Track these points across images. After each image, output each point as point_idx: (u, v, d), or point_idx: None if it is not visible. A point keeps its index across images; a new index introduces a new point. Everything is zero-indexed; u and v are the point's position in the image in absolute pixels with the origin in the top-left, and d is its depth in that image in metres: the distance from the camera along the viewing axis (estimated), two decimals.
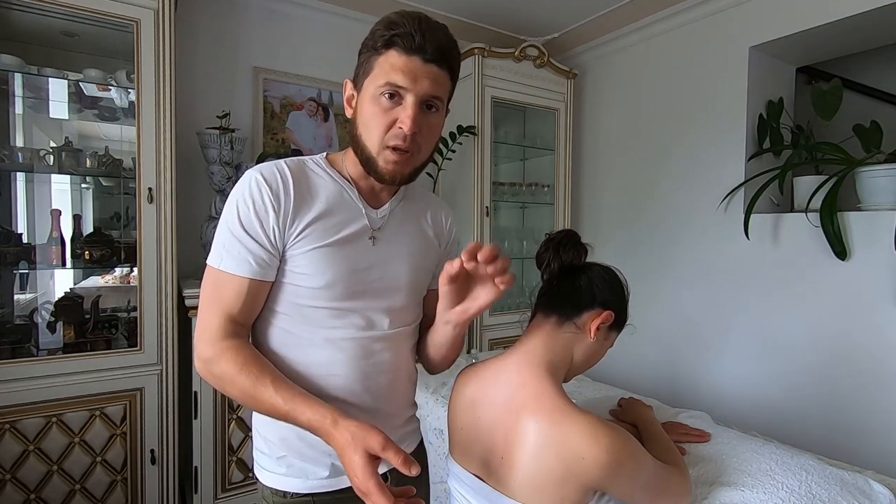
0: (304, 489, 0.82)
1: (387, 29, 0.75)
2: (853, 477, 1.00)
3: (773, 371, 2.11)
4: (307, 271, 0.79)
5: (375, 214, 0.86)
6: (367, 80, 0.78)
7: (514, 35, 2.91)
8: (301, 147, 2.47)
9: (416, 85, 0.75)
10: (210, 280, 0.79)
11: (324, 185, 0.83)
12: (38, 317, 1.83)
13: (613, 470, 0.75)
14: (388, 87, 0.75)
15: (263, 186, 0.77)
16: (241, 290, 0.77)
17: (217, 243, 0.79)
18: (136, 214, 1.77)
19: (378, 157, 0.78)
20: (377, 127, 0.77)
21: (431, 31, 0.76)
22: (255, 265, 0.77)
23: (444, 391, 1.55)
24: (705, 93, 2.34)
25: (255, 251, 0.77)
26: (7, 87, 1.85)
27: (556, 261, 0.90)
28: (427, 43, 0.74)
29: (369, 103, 0.77)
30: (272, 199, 0.77)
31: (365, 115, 0.78)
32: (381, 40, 0.76)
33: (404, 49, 0.74)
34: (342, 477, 0.83)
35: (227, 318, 0.77)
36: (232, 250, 0.77)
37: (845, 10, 1.87)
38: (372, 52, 0.77)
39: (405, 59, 0.75)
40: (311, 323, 0.81)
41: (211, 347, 0.76)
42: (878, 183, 1.82)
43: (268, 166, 0.80)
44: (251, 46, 2.35)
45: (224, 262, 0.77)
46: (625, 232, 2.76)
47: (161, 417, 1.83)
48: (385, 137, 0.77)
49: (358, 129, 0.80)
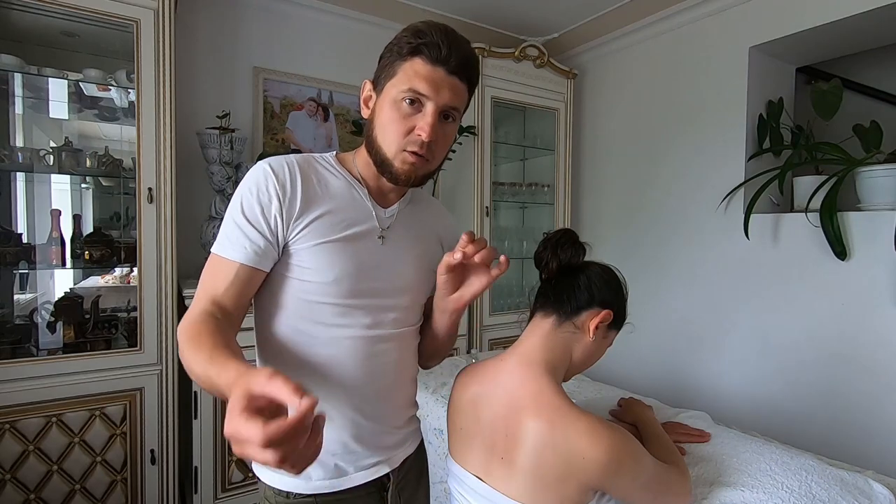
0: (308, 489, 0.82)
1: (414, 37, 0.77)
2: (853, 477, 1.00)
3: (773, 371, 2.11)
4: (313, 266, 0.79)
5: (384, 214, 0.87)
6: (388, 83, 0.79)
7: (514, 35, 2.91)
8: (301, 147, 2.47)
9: (438, 95, 0.77)
10: (208, 265, 0.79)
11: (334, 182, 0.84)
12: (38, 317, 1.83)
13: (613, 470, 0.75)
14: (411, 93, 0.77)
15: (270, 176, 0.78)
16: (231, 274, 0.76)
17: (220, 231, 0.79)
18: (136, 214, 1.77)
19: (394, 159, 0.80)
20: (395, 131, 0.79)
21: (457, 43, 0.78)
22: (251, 251, 0.77)
23: (444, 391, 1.55)
24: (705, 93, 2.34)
25: (253, 237, 0.77)
26: (7, 87, 1.85)
27: (554, 260, 0.90)
28: (452, 55, 0.77)
29: (389, 106, 0.79)
30: (277, 189, 0.78)
31: (384, 117, 0.79)
32: (407, 47, 0.77)
33: (430, 59, 0.77)
34: (346, 477, 0.84)
35: (210, 301, 0.75)
36: (231, 236, 0.77)
37: (845, 10, 1.87)
38: (396, 57, 0.78)
39: (430, 69, 0.77)
40: (318, 320, 0.81)
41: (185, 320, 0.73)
42: (878, 183, 1.82)
43: (277, 159, 0.81)
44: (251, 46, 2.35)
45: (221, 247, 0.77)
46: (625, 232, 2.76)
47: (161, 417, 1.83)
48: (402, 142, 0.79)
49: (375, 131, 0.81)
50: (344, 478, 0.83)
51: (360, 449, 0.84)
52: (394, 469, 0.89)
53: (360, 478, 0.85)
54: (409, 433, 0.94)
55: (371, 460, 0.86)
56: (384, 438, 0.87)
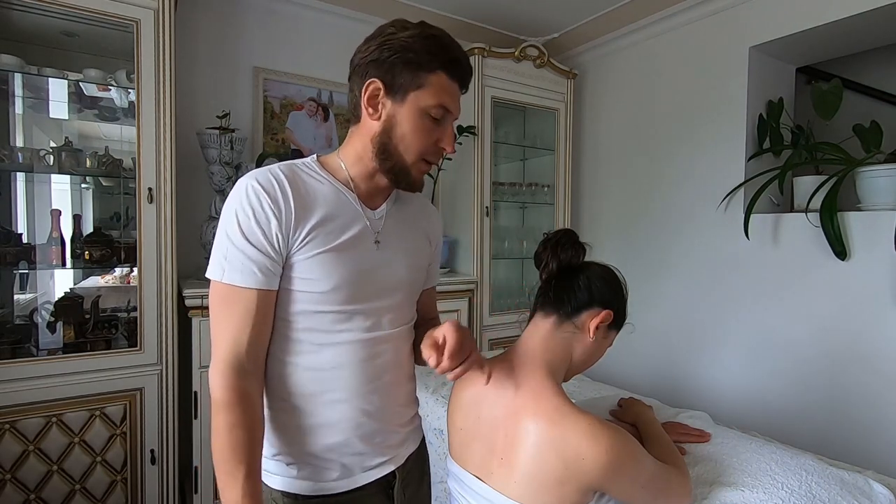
0: (314, 491, 0.82)
1: (439, 49, 0.78)
2: (853, 477, 1.00)
3: (773, 371, 2.11)
4: (312, 276, 0.78)
5: (374, 216, 0.87)
6: (414, 93, 0.78)
7: (514, 35, 2.91)
8: (301, 147, 2.47)
9: (457, 110, 0.83)
10: (217, 296, 0.77)
11: (320, 188, 0.82)
12: (38, 317, 1.83)
13: (613, 470, 0.75)
14: (441, 109, 0.79)
15: (262, 194, 0.76)
16: (249, 305, 0.75)
17: (217, 255, 0.77)
18: (136, 214, 1.77)
19: (412, 167, 0.82)
20: (423, 142, 0.80)
21: (466, 59, 0.82)
22: (261, 275, 0.76)
23: (444, 391, 1.55)
24: (705, 93, 2.34)
25: (259, 261, 0.75)
26: (7, 87, 1.85)
27: (554, 260, 0.89)
28: (466, 74, 0.82)
29: (417, 117, 0.79)
30: (272, 206, 0.76)
31: (410, 127, 0.80)
32: (434, 60, 0.78)
33: (453, 75, 0.80)
34: (353, 477, 0.84)
35: (240, 350, 0.75)
36: (235, 262, 0.75)
37: (845, 10, 1.87)
38: (419, 67, 0.78)
39: (453, 86, 0.81)
40: (318, 328, 0.81)
41: (220, 387, 0.75)
42: (878, 183, 1.82)
43: (261, 173, 0.79)
44: (251, 46, 2.35)
45: (227, 273, 0.75)
46: (625, 232, 2.76)
47: (161, 417, 1.83)
48: (426, 152, 0.82)
49: (395, 139, 0.80)
50: (350, 478, 0.84)
51: (366, 449, 0.84)
52: (399, 467, 0.90)
53: (367, 477, 0.85)
54: (411, 430, 0.95)
55: (377, 460, 0.86)
56: (389, 437, 0.88)
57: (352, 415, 0.82)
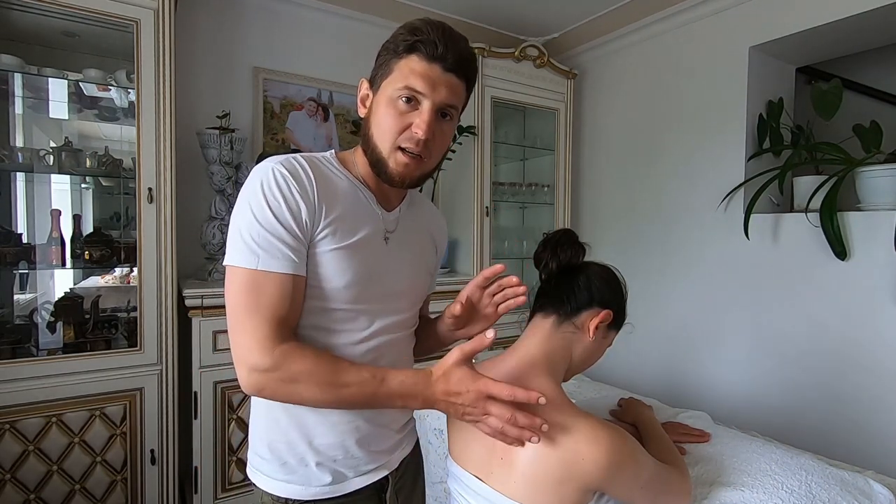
0: (306, 495, 0.81)
1: (410, 34, 0.76)
2: (853, 477, 1.00)
3: (773, 371, 2.11)
4: (325, 271, 0.77)
5: (390, 217, 0.86)
6: (385, 81, 0.78)
7: (514, 35, 2.91)
8: (301, 147, 2.47)
9: (435, 92, 0.76)
10: (243, 284, 0.72)
11: (340, 184, 0.81)
12: (38, 317, 1.83)
13: (613, 471, 0.75)
14: (407, 90, 0.76)
15: (289, 178, 0.74)
16: (284, 290, 0.72)
17: (242, 242, 0.72)
18: (136, 214, 1.77)
19: (389, 158, 0.78)
20: (391, 129, 0.77)
21: (453, 41, 0.77)
22: (296, 259, 0.73)
23: None
24: (705, 93, 2.34)
25: (293, 244, 0.73)
26: (7, 87, 1.85)
27: (553, 260, 0.89)
28: (449, 52, 0.76)
29: (385, 105, 0.77)
30: (300, 193, 0.74)
31: (379, 115, 0.78)
32: (403, 45, 0.76)
33: (426, 56, 0.75)
34: (345, 482, 0.83)
35: (277, 323, 0.71)
36: (268, 247, 0.72)
37: (845, 10, 1.87)
38: (392, 54, 0.77)
39: (426, 66, 0.75)
40: (322, 325, 0.80)
41: (269, 354, 0.70)
42: (878, 183, 1.82)
43: (285, 159, 0.77)
44: (251, 46, 2.35)
45: (262, 260, 0.71)
46: (625, 232, 2.76)
47: (161, 417, 1.83)
48: (398, 139, 0.77)
49: (371, 129, 0.80)
50: (343, 483, 0.83)
51: (361, 454, 0.84)
52: (392, 471, 0.89)
53: (360, 482, 0.84)
54: (406, 434, 0.94)
55: (371, 466, 0.85)
56: (384, 442, 0.87)
57: (350, 419, 0.82)
